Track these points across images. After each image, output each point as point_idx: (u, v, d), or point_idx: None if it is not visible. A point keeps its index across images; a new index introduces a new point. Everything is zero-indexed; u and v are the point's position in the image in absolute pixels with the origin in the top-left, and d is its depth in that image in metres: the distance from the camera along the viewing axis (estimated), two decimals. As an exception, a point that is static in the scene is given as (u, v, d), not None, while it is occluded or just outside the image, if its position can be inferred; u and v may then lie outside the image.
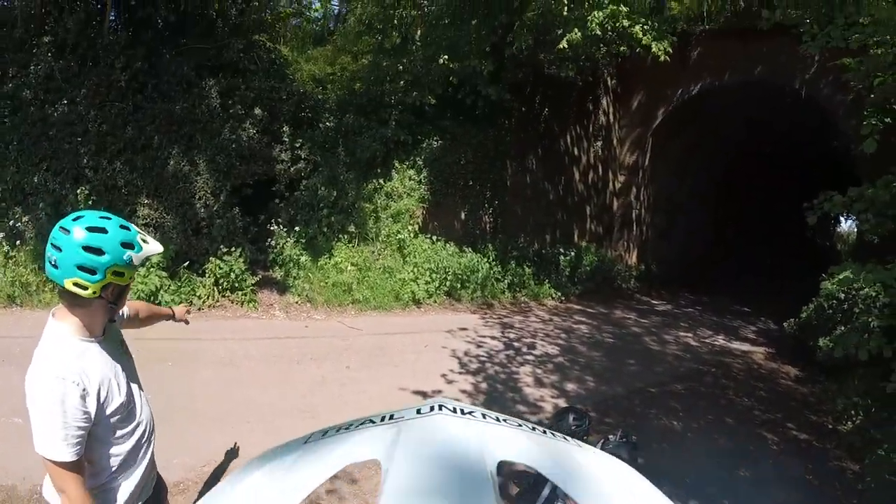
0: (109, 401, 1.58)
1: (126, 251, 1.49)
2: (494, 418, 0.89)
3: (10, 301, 7.12)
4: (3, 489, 3.49)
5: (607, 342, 7.55)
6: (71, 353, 1.53)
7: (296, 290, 7.97)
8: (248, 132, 8.07)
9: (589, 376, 6.05)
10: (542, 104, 10.99)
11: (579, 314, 9.18)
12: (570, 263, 10.73)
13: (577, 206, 11.78)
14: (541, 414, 4.91)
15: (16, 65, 7.58)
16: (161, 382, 4.94)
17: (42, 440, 1.46)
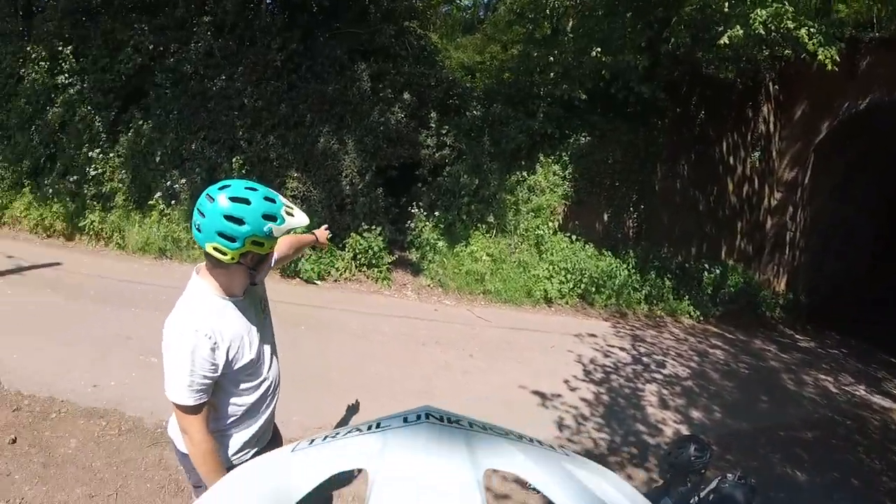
0: (239, 357, 1.65)
1: (267, 223, 1.51)
2: (481, 427, 0.89)
3: (161, 254, 7.81)
4: (131, 419, 3.79)
5: (742, 372, 6.90)
6: (208, 309, 1.61)
7: (429, 273, 7.97)
8: (397, 116, 8.17)
9: (717, 406, 5.59)
10: (698, 106, 10.06)
11: (716, 338, 8.42)
12: (713, 281, 9.68)
13: (728, 220, 10.57)
14: (660, 437, 4.61)
15: (177, 42, 8.25)
16: (293, 345, 5.19)
17: (170, 385, 1.56)
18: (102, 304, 5.97)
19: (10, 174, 9.05)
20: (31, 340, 4.82)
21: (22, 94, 8.98)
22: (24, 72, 8.97)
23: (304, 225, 1.63)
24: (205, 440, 1.61)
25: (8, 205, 8.98)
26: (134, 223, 8.12)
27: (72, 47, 8.58)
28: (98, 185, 8.34)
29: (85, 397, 4.04)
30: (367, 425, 0.91)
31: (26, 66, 8.92)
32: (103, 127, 8.39)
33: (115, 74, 8.44)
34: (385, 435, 0.85)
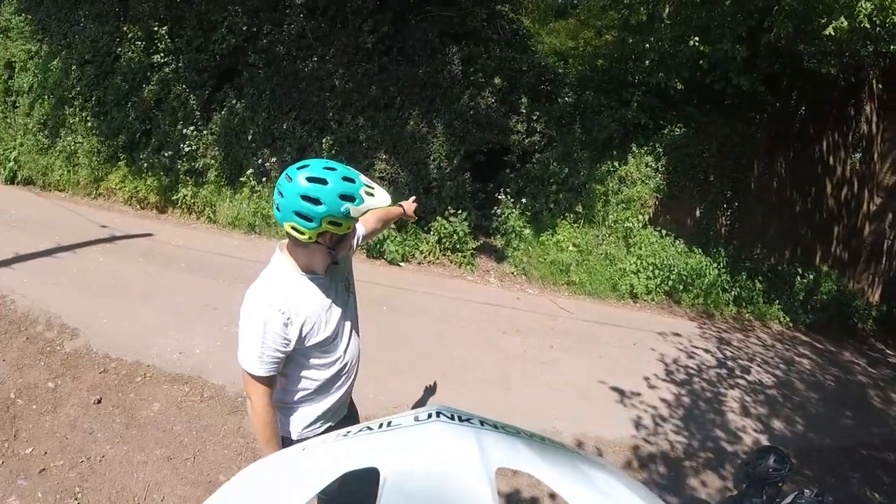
0: (313, 334, 1.65)
1: (344, 203, 1.48)
2: (492, 425, 0.89)
3: (251, 229, 7.97)
4: (214, 387, 3.91)
5: (828, 385, 6.58)
6: (286, 284, 1.63)
7: (513, 260, 7.82)
8: (487, 100, 8.06)
9: (799, 418, 5.34)
10: (798, 101, 9.50)
11: (804, 346, 8.00)
12: (805, 287, 9.14)
13: (824, 223, 9.95)
14: (738, 445, 4.43)
15: (270, 23, 8.35)
16: (375, 325, 5.23)
17: (241, 352, 1.61)
18: (191, 274, 6.16)
19: (107, 148, 9.46)
20: (121, 306, 5.02)
21: (118, 72, 9.36)
22: (120, 51, 9.36)
23: (386, 205, 1.58)
24: (265, 410, 1.64)
25: (104, 177, 9.41)
26: (225, 198, 8.34)
27: (167, 27, 8.86)
28: (191, 160, 8.61)
29: (170, 363, 4.17)
30: (378, 423, 0.91)
31: (123, 46, 9.30)
32: (197, 105, 8.63)
33: (210, 54, 8.66)
34: (396, 433, 0.85)
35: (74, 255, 6.34)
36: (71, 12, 10.12)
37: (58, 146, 9.91)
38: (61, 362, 4.04)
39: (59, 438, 3.23)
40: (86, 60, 9.65)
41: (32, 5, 10.57)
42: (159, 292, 5.51)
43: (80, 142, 9.70)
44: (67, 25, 10.11)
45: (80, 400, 3.60)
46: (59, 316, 4.68)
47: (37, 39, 10.59)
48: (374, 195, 1.54)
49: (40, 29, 10.49)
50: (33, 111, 10.39)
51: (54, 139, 10.05)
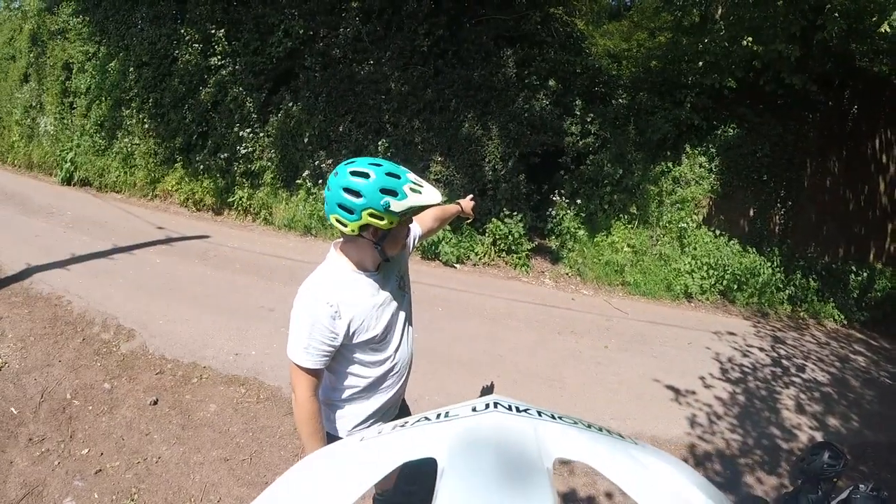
0: (362, 331, 1.65)
1: (384, 197, 1.49)
2: (550, 416, 0.88)
3: (307, 231, 8.06)
4: (270, 388, 3.89)
5: (884, 382, 6.45)
6: (338, 280, 1.65)
7: (568, 261, 7.89)
8: (541, 103, 8.10)
9: (855, 415, 5.25)
10: (850, 101, 9.39)
11: (859, 344, 7.87)
12: (860, 285, 9.06)
13: (878, 221, 9.84)
14: (794, 443, 4.38)
15: (326, 27, 8.44)
16: (430, 325, 5.35)
17: (290, 343, 1.62)
18: (247, 276, 6.23)
19: (164, 150, 9.69)
20: (177, 308, 5.07)
21: (176, 75, 9.58)
22: (178, 53, 9.57)
23: (434, 202, 1.56)
24: (309, 402, 1.64)
25: (160, 178, 9.64)
26: (281, 201, 8.49)
27: (224, 30, 9.05)
28: (248, 162, 8.77)
29: (226, 365, 4.18)
30: (436, 414, 0.90)
31: (180, 48, 9.51)
32: (254, 107, 8.79)
33: (266, 57, 8.81)
34: (454, 424, 0.84)
35: (131, 256, 6.49)
36: (129, 14, 10.40)
37: (114, 147, 10.19)
38: (117, 363, 4.06)
39: (116, 439, 3.23)
40: (143, 62, 9.91)
41: (90, 7, 10.85)
42: (215, 294, 5.55)
43: (137, 143, 9.95)
44: (125, 27, 10.39)
45: (137, 401, 3.62)
46: (115, 317, 4.72)
47: (94, 41, 10.88)
48: (421, 192, 1.53)
49: (98, 31, 10.78)
50: (90, 112, 10.69)
51: (111, 140, 10.34)
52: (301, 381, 1.64)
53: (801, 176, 9.01)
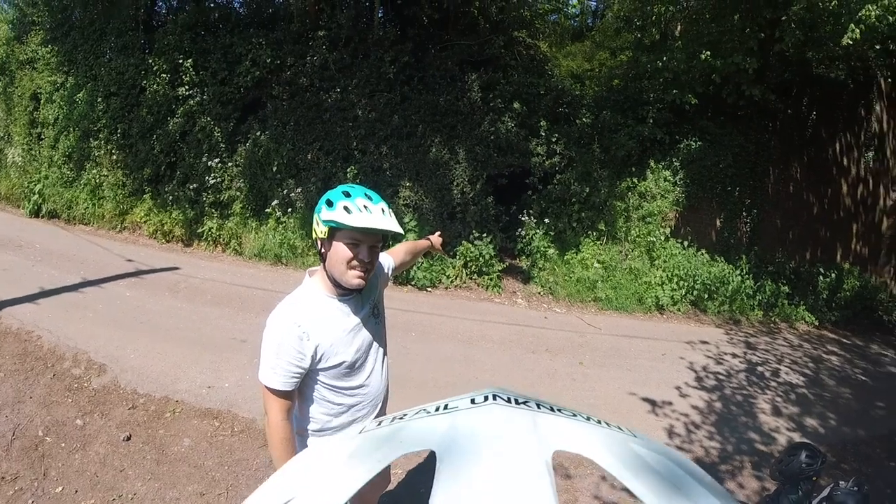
0: (331, 354, 1.66)
1: (321, 205, 1.57)
2: (549, 408, 0.87)
3: (277, 260, 8.06)
4: (244, 421, 3.85)
5: (858, 379, 6.59)
6: (309, 302, 1.67)
7: (539, 280, 7.95)
8: (507, 125, 8.20)
9: (832, 414, 5.35)
10: (809, 107, 9.66)
11: (832, 343, 8.06)
12: (828, 286, 9.29)
13: (842, 222, 10.13)
14: (773, 445, 4.42)
15: (294, 55, 8.48)
16: (404, 349, 5.34)
17: (260, 365, 1.63)
18: (218, 307, 6.18)
19: (132, 181, 9.61)
20: (148, 341, 5.01)
21: (144, 105, 9.54)
22: (145, 83, 9.53)
23: (361, 226, 1.54)
24: (282, 425, 1.64)
25: (129, 210, 9.53)
26: (251, 230, 8.45)
27: (192, 60, 9.05)
28: (216, 192, 8.74)
29: (199, 398, 4.13)
30: (435, 406, 0.90)
31: (148, 78, 9.47)
32: (222, 137, 8.78)
33: (234, 87, 8.82)
34: (452, 416, 0.84)
35: (100, 289, 6.39)
36: (97, 44, 10.34)
37: (83, 179, 10.05)
38: (89, 399, 4.00)
39: (90, 476, 3.19)
40: (111, 93, 9.85)
41: (59, 37, 10.76)
42: (186, 326, 5.51)
43: (106, 175, 9.85)
44: (93, 57, 10.32)
45: (110, 437, 3.57)
46: (86, 352, 4.66)
47: (63, 71, 10.78)
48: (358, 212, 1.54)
49: (66, 61, 10.69)
50: (59, 143, 10.55)
51: (79, 172, 10.20)
52: (272, 404, 1.64)
53: (765, 184, 9.23)
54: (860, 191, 10.48)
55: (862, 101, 10.34)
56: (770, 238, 9.39)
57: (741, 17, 8.73)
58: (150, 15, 10.61)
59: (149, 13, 10.57)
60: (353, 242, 1.60)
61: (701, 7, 8.91)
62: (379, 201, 1.60)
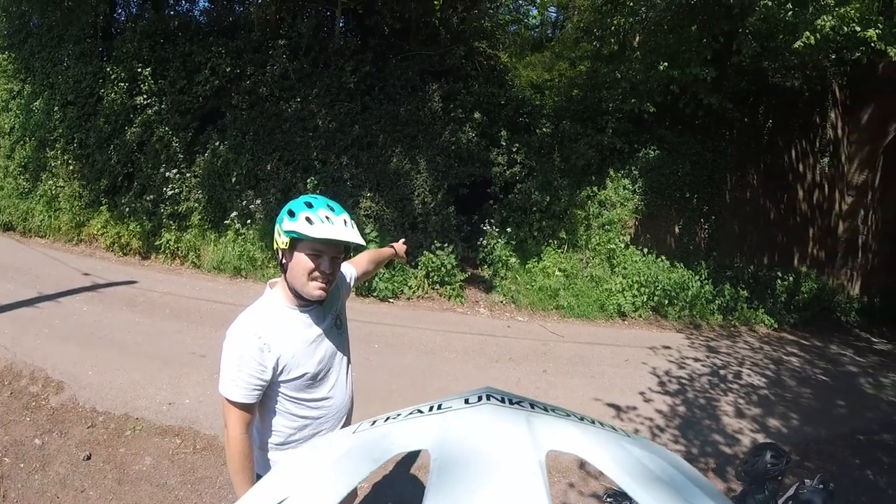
0: (293, 366, 1.63)
1: (283, 215, 1.57)
2: (542, 408, 0.87)
3: (236, 272, 7.96)
4: (206, 437, 3.81)
5: (819, 379, 6.77)
6: (270, 313, 1.65)
7: (502, 289, 7.97)
8: (468, 135, 8.23)
9: (794, 414, 5.48)
10: (765, 115, 9.91)
11: (792, 345, 8.26)
12: (787, 289, 9.58)
13: (799, 227, 10.41)
14: (737, 447, 4.50)
15: (254, 64, 8.41)
16: (367, 361, 5.32)
17: (221, 377, 1.60)
18: (177, 321, 6.08)
19: (88, 192, 9.39)
20: (107, 357, 4.92)
21: (101, 114, 9.33)
22: (103, 92, 9.33)
23: (322, 237, 1.53)
24: (241, 439, 1.61)
25: (85, 222, 9.30)
26: (209, 242, 8.31)
27: (150, 69, 8.89)
28: (174, 204, 8.57)
29: (160, 415, 4.08)
30: (429, 406, 0.90)
31: (106, 87, 9.27)
32: (180, 147, 8.63)
33: (193, 96, 8.69)
34: (446, 416, 0.84)
35: (57, 304, 6.24)
36: (55, 52, 10.09)
37: (39, 190, 9.78)
38: (48, 417, 3.93)
39: (50, 498, 3.13)
40: (68, 101, 9.62)
41: (16, 43, 10.49)
42: (145, 341, 5.41)
43: (62, 186, 9.60)
44: (51, 65, 10.08)
45: (70, 456, 3.50)
46: (43, 369, 4.57)
47: (20, 79, 10.49)
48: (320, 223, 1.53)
49: (23, 68, 10.40)
50: (14, 153, 10.27)
51: (35, 183, 9.92)
52: (232, 416, 1.61)
53: (722, 190, 9.43)
54: (816, 196, 10.77)
55: (817, 109, 10.64)
56: (728, 243, 9.58)
57: (699, 29, 8.90)
58: (108, 22, 10.40)
59: (108, 20, 10.37)
60: (314, 253, 1.58)
61: (659, 18, 9.07)
62: (341, 212, 1.59)
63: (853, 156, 11.05)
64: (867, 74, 10.02)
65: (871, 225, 11.51)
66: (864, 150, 10.95)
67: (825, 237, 11.00)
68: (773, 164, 10.06)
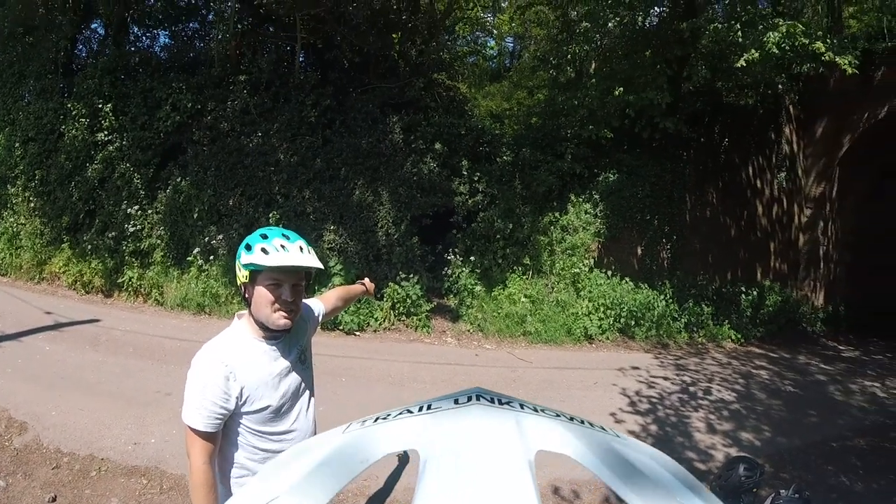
0: (256, 398, 1.63)
1: (241, 250, 1.60)
2: (532, 408, 0.87)
3: (200, 309, 7.90)
4: (173, 477, 3.75)
5: (788, 390, 6.86)
6: (236, 344, 1.65)
7: (468, 318, 7.99)
8: (429, 166, 8.32)
9: (766, 426, 5.52)
10: (721, 135, 10.19)
11: (760, 358, 8.38)
12: (751, 304, 9.77)
13: (760, 241, 10.67)
14: (711, 462, 4.55)
15: (214, 100, 8.44)
16: (334, 395, 5.30)
17: (184, 405, 1.60)
18: (141, 360, 6.03)
19: (50, 230, 9.29)
20: (70, 397, 4.86)
21: (62, 151, 9.28)
22: (64, 128, 9.29)
23: (288, 264, 1.57)
24: (203, 469, 1.59)
25: (47, 260, 9.18)
26: (172, 279, 8.23)
27: (111, 105, 8.88)
28: (137, 241, 8.50)
29: (125, 455, 4.03)
30: (418, 406, 0.90)
31: (67, 123, 9.24)
32: (142, 183, 8.59)
33: (154, 132, 8.67)
34: (436, 416, 0.84)
35: (19, 343, 6.17)
36: (16, 88, 10.05)
37: (-1, 228, 9.72)
38: (11, 459, 3.87)
39: None
40: (29, 138, 9.55)
41: (-23, 79, 10.38)
42: (109, 380, 5.35)
43: (23, 223, 9.51)
44: (12, 101, 10.03)
45: (34, 499, 3.44)
46: (5, 409, 4.52)
47: (-20, 115, 10.39)
48: (276, 252, 1.55)
49: (-17, 104, 10.31)
50: (-25, 191, 10.15)
51: (-5, 220, 9.84)
52: (195, 446, 1.59)
53: (682, 210, 9.63)
54: (775, 210, 11.06)
55: (772, 125, 10.97)
56: (691, 262, 9.76)
57: (652, 54, 9.16)
58: (69, 58, 10.38)
59: (69, 56, 10.35)
60: (274, 283, 1.60)
61: (614, 45, 9.33)
62: (297, 239, 1.61)
63: (809, 169, 11.39)
64: (819, 89, 10.39)
65: (830, 235, 11.81)
66: (819, 162, 11.29)
67: (787, 250, 11.27)
68: (732, 182, 10.32)
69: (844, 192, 11.59)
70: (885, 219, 12.67)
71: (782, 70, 9.50)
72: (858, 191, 11.94)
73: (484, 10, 9.90)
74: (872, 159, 11.48)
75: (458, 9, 9.43)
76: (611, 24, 8.94)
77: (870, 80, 10.11)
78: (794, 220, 11.41)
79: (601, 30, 9.05)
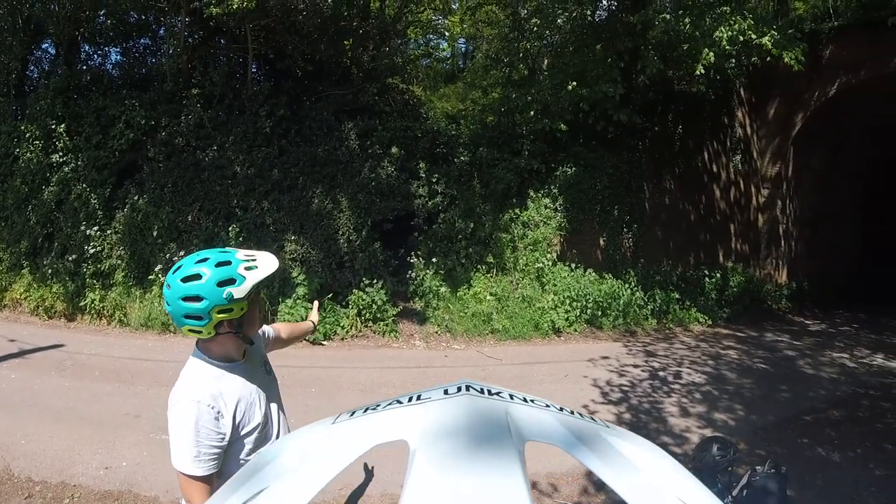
0: (246, 421, 1.62)
1: (225, 289, 1.49)
2: (522, 399, 0.87)
3: (165, 328, 7.84)
4: (146, 499, 3.67)
5: (758, 368, 7.02)
6: (207, 377, 1.59)
7: (435, 320, 8.02)
8: (387, 170, 8.34)
9: (738, 405, 5.64)
10: (674, 123, 10.40)
11: (728, 339, 8.57)
12: (716, 286, 10.02)
13: (720, 224, 10.93)
14: (686, 446, 4.61)
15: (168, 115, 8.39)
16: (305, 407, 5.24)
17: (176, 456, 1.52)
18: (108, 383, 5.92)
19: (9, 256, 9.10)
20: (39, 425, 4.81)
21: (17, 174, 9.08)
22: (18, 151, 9.10)
23: (273, 268, 1.55)
24: None
25: (7, 287, 9.00)
26: (135, 299, 8.13)
27: (65, 125, 8.73)
28: (97, 262, 8.36)
29: (97, 480, 4.00)
30: (408, 397, 0.90)
31: (21, 146, 9.06)
32: (99, 204, 8.47)
33: (109, 151, 8.55)
34: (426, 407, 0.84)
35: None
36: (-32, 111, 9.81)
37: (-43, 256, 9.50)
38: None
39: None
40: (-17, 162, 9.35)
41: (-71, 103, 10.12)
42: (77, 405, 5.27)
43: (-19, 251, 9.34)
44: (-35, 125, 9.79)
45: None
46: None
47: (-66, 140, 10.13)
48: (257, 266, 1.53)
49: (-62, 129, 10.05)
50: (-70, 219, 9.91)
51: (-47, 249, 9.63)
52: (195, 491, 1.52)
53: (641, 199, 9.82)
54: (733, 193, 11.33)
55: (724, 110, 11.24)
56: (654, 249, 9.96)
57: (603, 48, 9.29)
58: (21, 80, 10.20)
59: (20, 78, 10.17)
60: (257, 296, 1.60)
61: (565, 40, 9.44)
62: (232, 250, 1.59)
63: (764, 150, 11.69)
64: (769, 72, 10.69)
65: (789, 213, 12.17)
66: (773, 143, 11.60)
67: (747, 231, 11.55)
68: (688, 168, 10.55)
69: (799, 170, 11.92)
70: (839, 193, 13.09)
71: (732, 59, 9.72)
72: (814, 168, 12.29)
73: (435, 12, 9.99)
74: (826, 136, 11.82)
75: (409, 13, 9.51)
76: (560, 20, 9.07)
77: (818, 59, 10.43)
78: (752, 201, 11.70)
79: (551, 26, 9.18)
